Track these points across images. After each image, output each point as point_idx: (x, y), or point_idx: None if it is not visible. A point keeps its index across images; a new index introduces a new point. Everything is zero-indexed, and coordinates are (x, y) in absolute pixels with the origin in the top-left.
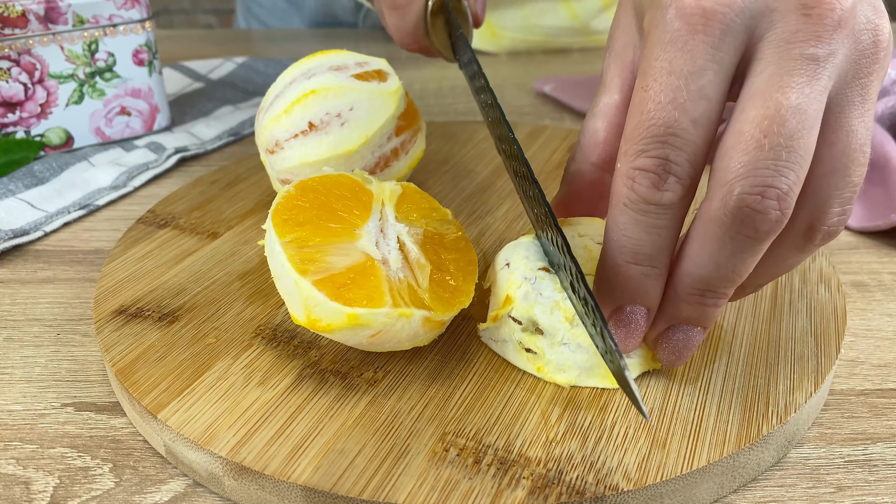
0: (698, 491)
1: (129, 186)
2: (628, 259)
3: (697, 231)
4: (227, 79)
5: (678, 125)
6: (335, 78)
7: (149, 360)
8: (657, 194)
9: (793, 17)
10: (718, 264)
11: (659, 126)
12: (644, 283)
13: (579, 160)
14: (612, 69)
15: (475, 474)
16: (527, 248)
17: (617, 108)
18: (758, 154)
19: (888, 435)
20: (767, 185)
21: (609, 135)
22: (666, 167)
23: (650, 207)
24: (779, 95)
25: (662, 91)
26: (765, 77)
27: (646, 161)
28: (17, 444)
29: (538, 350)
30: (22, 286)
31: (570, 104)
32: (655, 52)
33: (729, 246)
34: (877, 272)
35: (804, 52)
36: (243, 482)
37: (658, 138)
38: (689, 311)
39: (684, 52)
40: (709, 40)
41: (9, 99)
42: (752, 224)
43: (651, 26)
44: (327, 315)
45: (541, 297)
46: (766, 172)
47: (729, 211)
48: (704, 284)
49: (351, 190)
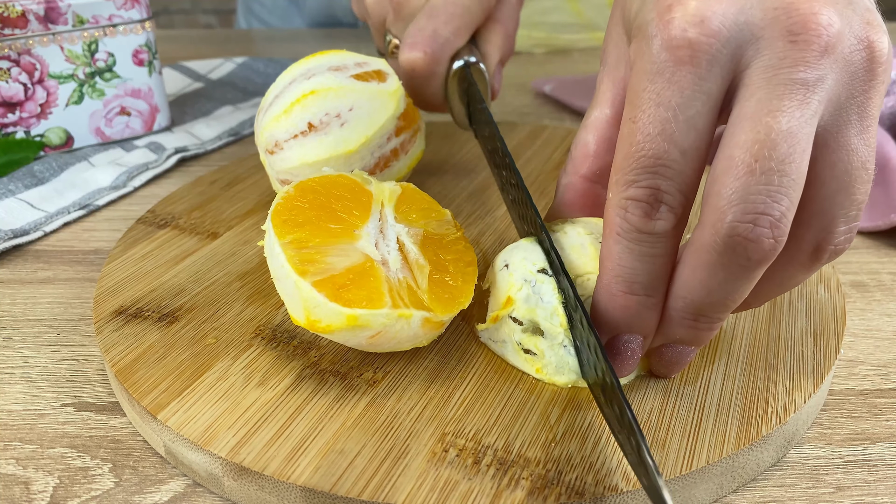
0: (698, 491)
1: (129, 186)
2: (624, 289)
3: (689, 257)
4: (227, 79)
5: (668, 156)
6: (335, 78)
7: (148, 361)
8: (649, 223)
9: (779, 44)
10: (710, 291)
11: (649, 157)
12: (640, 312)
13: (570, 172)
14: (605, 83)
15: (475, 475)
16: (525, 250)
17: (607, 122)
18: (749, 179)
19: (887, 435)
20: (759, 212)
21: (599, 148)
22: (657, 196)
23: (643, 236)
24: (769, 120)
25: (651, 123)
26: (753, 102)
27: (636, 191)
28: (16, 444)
29: (538, 351)
30: (22, 286)
31: (570, 104)
32: (643, 84)
33: (721, 273)
34: (876, 272)
35: (793, 77)
36: (243, 483)
37: (648, 169)
38: (682, 333)
39: (672, 83)
40: (696, 71)
41: (9, 99)
42: (745, 253)
43: (637, 56)
44: (327, 316)
45: (542, 301)
46: (758, 199)
47: (720, 239)
48: (697, 310)
49: (350, 190)
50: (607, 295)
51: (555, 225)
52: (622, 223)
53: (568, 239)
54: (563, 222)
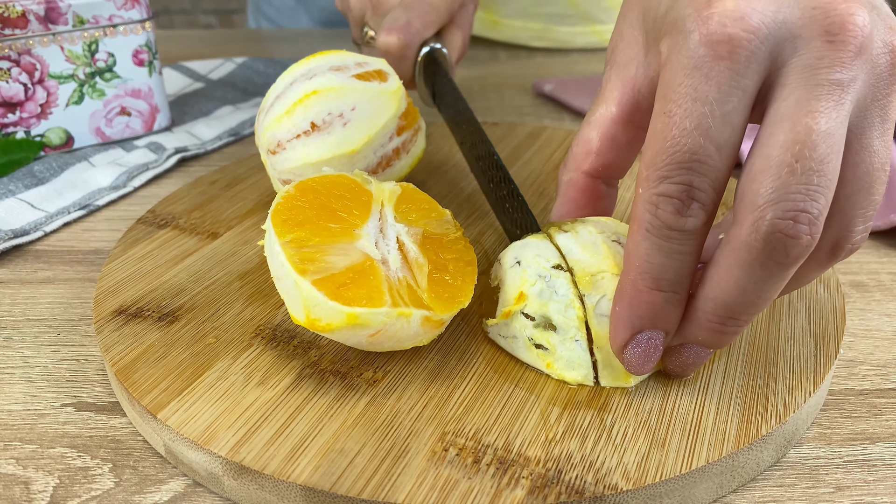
0: (697, 490)
1: (129, 186)
2: (650, 285)
3: (724, 257)
4: (227, 79)
5: (703, 152)
6: (336, 78)
7: (148, 360)
8: (681, 220)
9: (817, 44)
10: (745, 290)
11: (684, 152)
12: (665, 309)
13: (571, 168)
14: (612, 81)
15: (474, 474)
16: (537, 247)
17: (612, 121)
18: (789, 179)
19: (887, 435)
20: (800, 209)
21: (602, 145)
22: (690, 193)
23: (673, 234)
24: (808, 120)
25: (688, 117)
26: (792, 102)
27: (669, 187)
28: (16, 443)
29: (549, 346)
30: (22, 286)
31: (570, 104)
32: (678, 78)
33: (757, 272)
34: (876, 272)
35: (830, 78)
36: (243, 482)
37: (683, 164)
38: (705, 335)
39: (709, 78)
40: (734, 67)
41: (9, 99)
42: (784, 249)
43: (672, 51)
44: (327, 315)
45: (556, 295)
46: (798, 197)
47: (760, 237)
48: (727, 311)
49: (350, 190)
50: (633, 290)
51: (565, 224)
52: (652, 219)
53: (580, 238)
54: (574, 222)
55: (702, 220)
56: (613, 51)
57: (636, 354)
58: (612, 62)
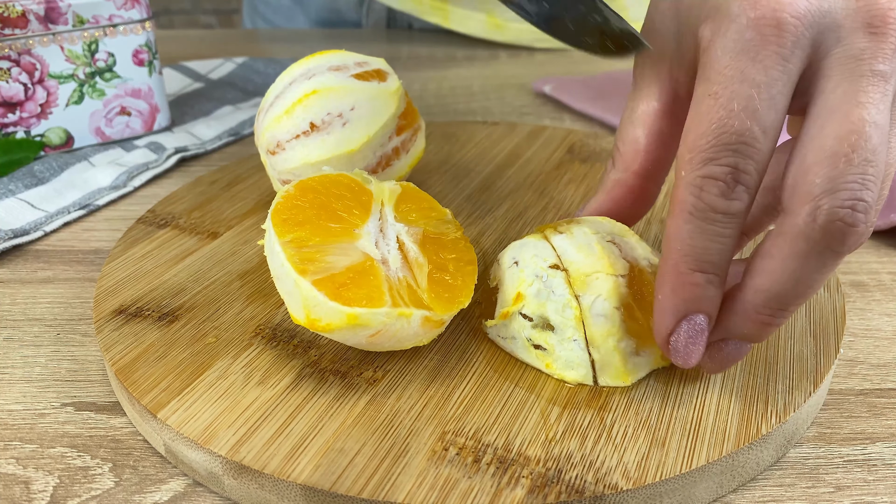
0: (697, 490)
1: (129, 186)
2: (693, 267)
3: (777, 248)
4: (227, 79)
5: (750, 134)
6: (336, 78)
7: (148, 360)
8: (725, 203)
9: (860, 34)
10: (799, 280)
11: (731, 134)
12: (707, 290)
13: (620, 168)
14: (647, 76)
15: (474, 473)
16: (535, 247)
17: (656, 116)
18: (847, 168)
19: (887, 435)
20: (857, 198)
21: (650, 143)
22: (735, 176)
23: (717, 216)
24: (860, 111)
25: (735, 99)
26: (840, 93)
27: (715, 169)
28: (16, 443)
29: (548, 346)
30: (22, 286)
31: (570, 104)
32: (724, 60)
33: (813, 262)
34: (876, 272)
35: (874, 69)
36: (243, 481)
37: (729, 146)
38: (751, 328)
39: (757, 61)
40: (781, 51)
41: (9, 99)
42: (842, 238)
43: (716, 34)
44: (327, 315)
45: (553, 295)
46: (855, 186)
47: (819, 226)
48: (779, 302)
49: (350, 190)
50: (675, 274)
51: (560, 226)
52: (696, 202)
53: (575, 239)
54: (569, 223)
55: (746, 203)
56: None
57: (682, 341)
58: (643, 55)
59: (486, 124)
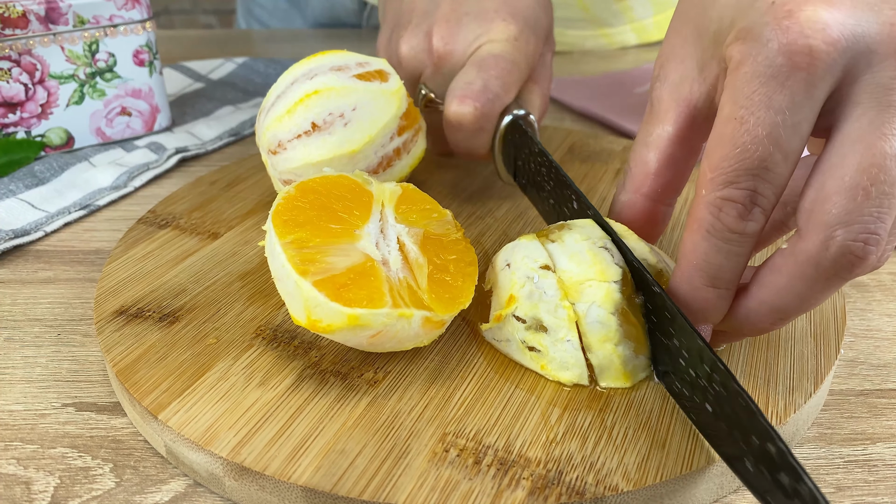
0: (698, 491)
1: (130, 187)
2: (707, 283)
3: (787, 268)
4: (228, 79)
5: (772, 159)
6: (337, 78)
7: (149, 361)
8: (742, 224)
9: (892, 62)
10: (803, 300)
11: (753, 159)
12: (718, 304)
13: (630, 190)
14: (665, 101)
15: (475, 475)
16: (526, 248)
17: (670, 141)
18: (864, 202)
19: (888, 435)
20: (871, 231)
21: (661, 166)
22: (754, 199)
23: (734, 237)
24: (883, 143)
25: (760, 125)
26: (865, 123)
27: (734, 192)
28: (17, 444)
29: (542, 348)
30: (22, 286)
31: (570, 104)
32: (753, 86)
33: (820, 286)
34: (876, 272)
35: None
36: (244, 483)
37: (751, 171)
38: (750, 331)
39: (785, 87)
40: (810, 78)
41: (9, 99)
42: (851, 268)
43: (746, 57)
44: (327, 316)
45: (545, 296)
46: (869, 220)
47: (830, 255)
48: (780, 314)
49: (351, 191)
50: (688, 286)
51: (552, 234)
52: (714, 222)
53: (566, 247)
54: (560, 229)
55: (761, 224)
56: (663, 67)
57: None
58: (662, 79)
59: None
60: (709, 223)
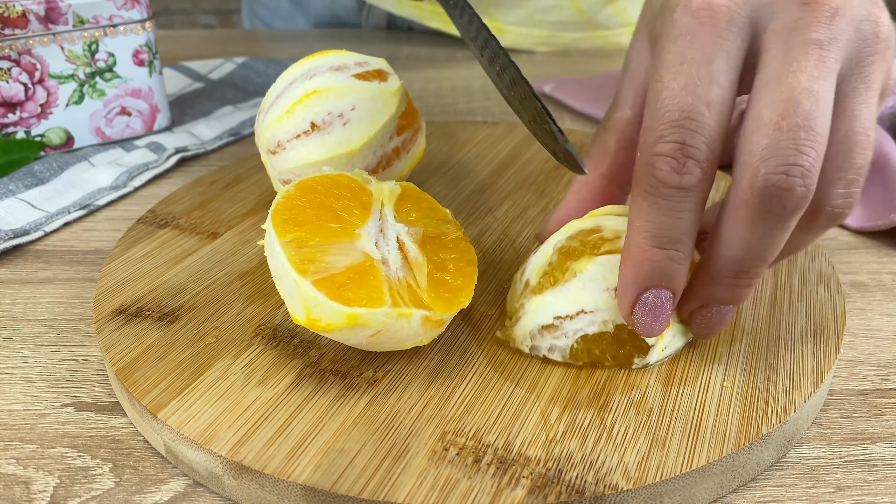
0: (698, 490)
1: (130, 186)
2: (651, 243)
3: (727, 215)
4: (228, 79)
5: (693, 109)
6: (336, 78)
7: (149, 360)
8: (676, 178)
9: (792, 7)
10: (750, 245)
11: (674, 111)
12: (668, 266)
13: (588, 169)
14: (625, 86)
15: (475, 473)
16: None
17: (627, 123)
18: (778, 135)
19: (887, 435)
20: (790, 163)
21: (619, 147)
22: (684, 151)
23: (670, 191)
24: (790, 79)
25: (675, 79)
26: (775, 65)
27: (664, 146)
28: (17, 443)
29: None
30: (22, 286)
31: (570, 104)
32: (667, 47)
33: (759, 227)
34: (876, 272)
35: (807, 37)
36: (243, 481)
37: (674, 123)
38: (722, 292)
39: (693, 41)
40: (715, 31)
41: (9, 99)
42: (780, 202)
43: (661, 28)
44: (327, 315)
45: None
46: (787, 152)
47: (756, 192)
48: (738, 266)
49: (350, 190)
50: (635, 249)
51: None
52: (650, 179)
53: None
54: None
55: (697, 177)
56: (628, 59)
57: (643, 314)
58: (625, 69)
59: (487, 124)
60: (645, 182)
